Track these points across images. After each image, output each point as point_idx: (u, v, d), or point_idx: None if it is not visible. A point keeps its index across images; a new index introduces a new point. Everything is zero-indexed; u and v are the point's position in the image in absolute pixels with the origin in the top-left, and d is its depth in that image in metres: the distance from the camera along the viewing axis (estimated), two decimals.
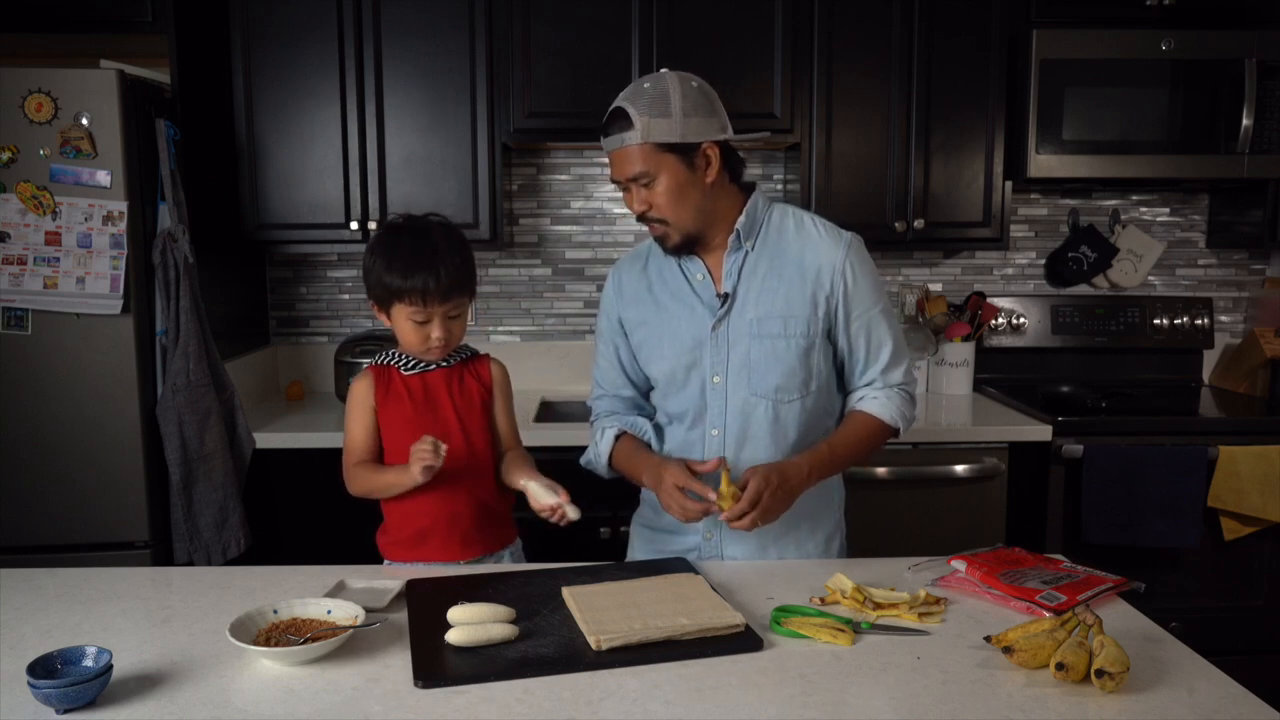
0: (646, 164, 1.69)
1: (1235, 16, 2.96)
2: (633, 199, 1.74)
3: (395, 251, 1.73)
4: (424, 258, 1.71)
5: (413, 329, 1.75)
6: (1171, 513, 2.71)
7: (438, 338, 1.75)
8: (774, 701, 1.25)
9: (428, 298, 1.72)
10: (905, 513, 2.76)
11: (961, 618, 1.50)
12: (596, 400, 1.96)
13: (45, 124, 2.34)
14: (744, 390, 1.77)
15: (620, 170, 1.72)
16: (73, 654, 1.28)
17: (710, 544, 1.83)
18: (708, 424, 1.80)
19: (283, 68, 2.87)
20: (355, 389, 1.83)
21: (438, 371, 1.83)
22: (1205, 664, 1.35)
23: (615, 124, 1.69)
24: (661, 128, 1.67)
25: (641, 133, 1.67)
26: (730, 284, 1.78)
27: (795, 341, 1.76)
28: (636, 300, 1.86)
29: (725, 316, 1.77)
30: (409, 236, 1.75)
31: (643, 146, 1.68)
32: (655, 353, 1.84)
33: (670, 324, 1.82)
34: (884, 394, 1.82)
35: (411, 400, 1.80)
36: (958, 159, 2.98)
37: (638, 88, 1.70)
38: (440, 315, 1.74)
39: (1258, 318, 3.37)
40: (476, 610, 1.42)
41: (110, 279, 2.38)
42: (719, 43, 2.87)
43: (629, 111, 1.67)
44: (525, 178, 3.31)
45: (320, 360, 3.30)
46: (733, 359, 1.77)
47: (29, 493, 2.43)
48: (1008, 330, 3.32)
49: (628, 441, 1.85)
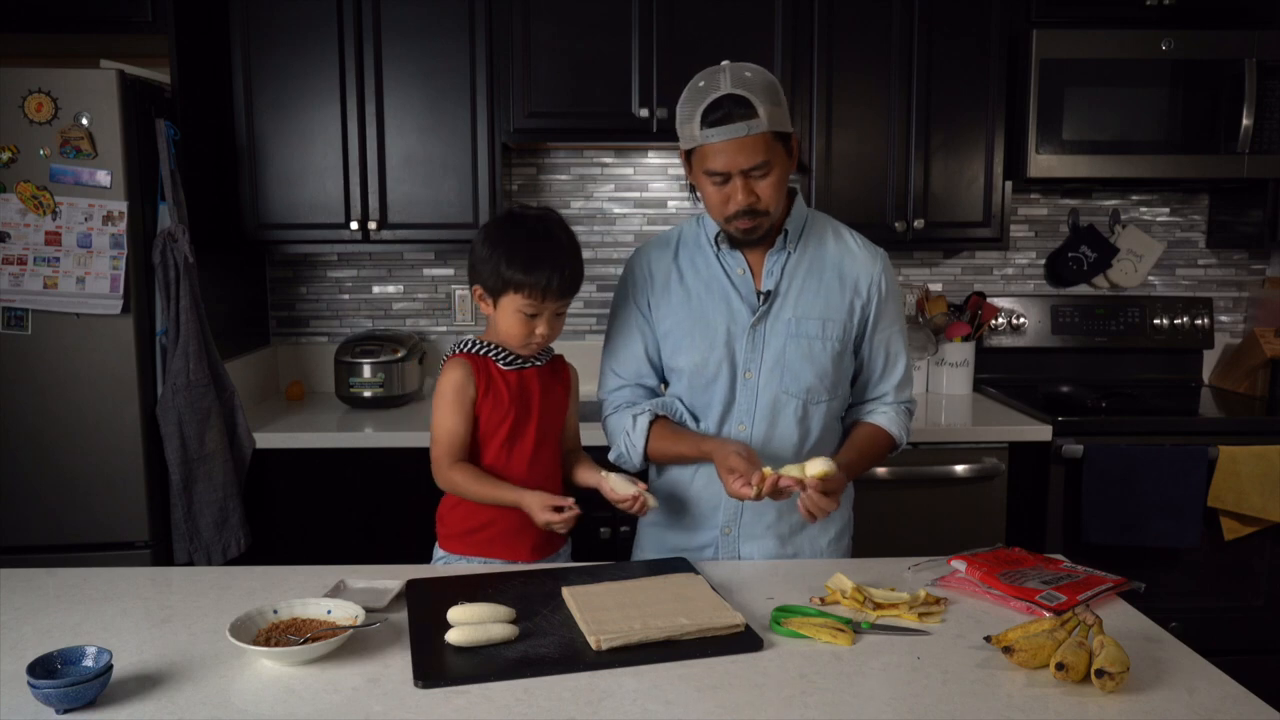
0: (769, 153, 1.64)
1: (1235, 16, 2.96)
2: (737, 191, 1.67)
3: (517, 244, 1.71)
4: (549, 255, 1.70)
5: (520, 321, 1.73)
6: (1171, 513, 2.71)
7: (542, 333, 1.74)
8: (774, 701, 1.25)
9: (546, 294, 1.70)
10: (905, 513, 2.76)
11: (961, 618, 1.50)
12: (614, 392, 1.91)
13: (45, 124, 2.34)
14: (775, 387, 1.78)
15: (737, 161, 1.64)
16: (73, 654, 1.28)
17: (729, 539, 1.83)
18: (735, 419, 1.80)
19: (283, 68, 2.87)
20: (452, 377, 1.75)
21: (533, 370, 1.80)
22: (1205, 664, 1.35)
23: (736, 113, 1.62)
24: (779, 116, 1.64)
25: (767, 120, 1.62)
26: (772, 282, 1.78)
27: (831, 344, 1.78)
28: (667, 287, 1.84)
29: (766, 313, 1.77)
30: (532, 230, 1.74)
31: (765, 135, 1.63)
32: (685, 343, 1.81)
33: (703, 315, 1.80)
34: (894, 409, 1.86)
35: (509, 396, 1.76)
36: (958, 159, 2.98)
37: (739, 76, 1.63)
38: (550, 312, 1.73)
39: (1258, 318, 3.37)
40: (476, 610, 1.42)
41: (110, 279, 2.38)
42: (719, 42, 2.86)
43: (750, 99, 1.61)
44: (525, 178, 3.31)
45: (320, 360, 3.30)
46: (768, 356, 1.78)
47: (29, 493, 2.43)
48: (1008, 330, 3.32)
49: (664, 425, 1.82)
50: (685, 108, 1.68)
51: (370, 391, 2.98)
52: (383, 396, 2.99)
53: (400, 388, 3.01)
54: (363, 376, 2.97)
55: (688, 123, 1.67)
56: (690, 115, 1.66)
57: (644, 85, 2.87)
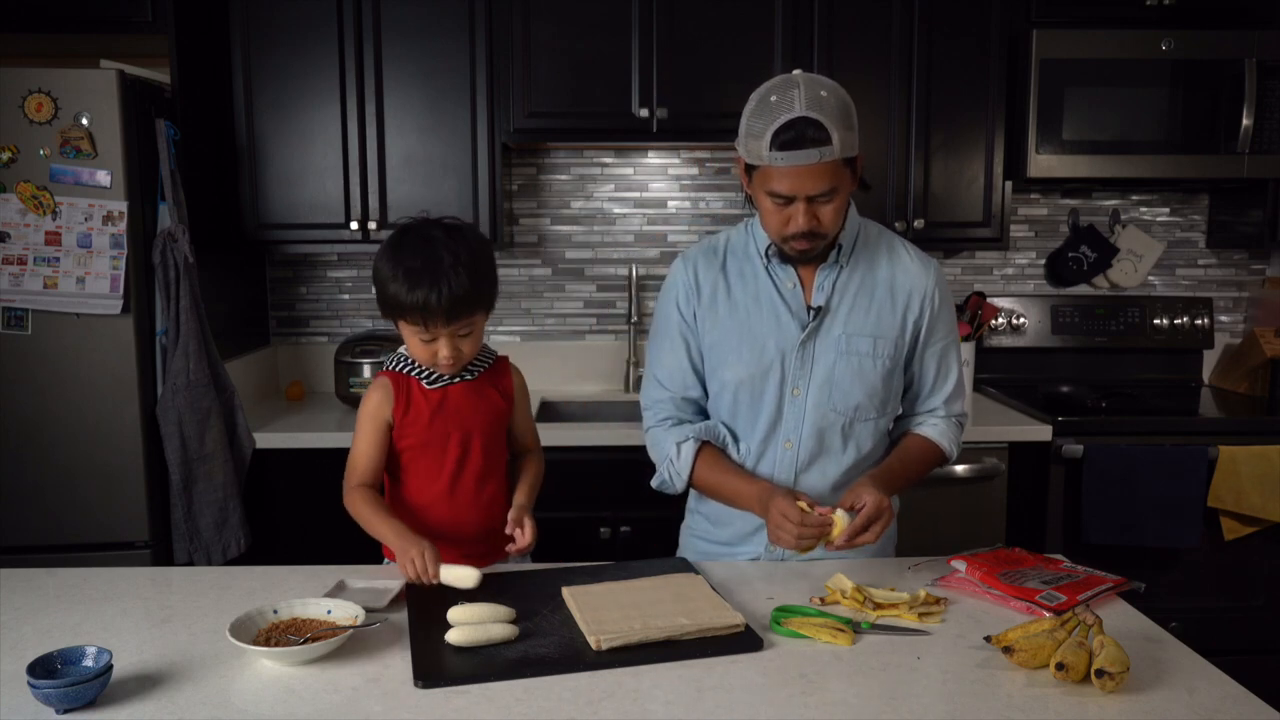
0: (836, 179, 1.58)
1: (1235, 16, 2.96)
2: (798, 214, 1.60)
3: (399, 262, 1.59)
4: (426, 273, 1.57)
5: (419, 345, 1.65)
6: (1171, 513, 2.71)
7: (445, 357, 1.64)
8: (774, 701, 1.25)
9: (429, 317, 1.59)
10: (905, 513, 2.74)
11: (961, 618, 1.50)
12: (658, 403, 1.83)
13: (45, 124, 2.34)
14: (824, 405, 1.73)
15: (804, 186, 1.58)
16: (73, 654, 1.28)
17: (772, 554, 1.79)
18: (781, 436, 1.76)
19: (283, 68, 2.87)
20: (370, 400, 1.70)
21: (459, 385, 1.72)
22: (1205, 664, 1.35)
23: (808, 137, 1.54)
24: (850, 141, 1.57)
25: (839, 147, 1.55)
26: (823, 298, 1.73)
27: (882, 362, 1.74)
28: (714, 300, 1.77)
29: (816, 330, 1.73)
30: (413, 245, 1.61)
31: (835, 162, 1.56)
32: (731, 357, 1.75)
33: (751, 329, 1.74)
34: (944, 422, 1.82)
35: (431, 416, 1.70)
36: (958, 159, 2.98)
37: (814, 96, 1.54)
38: (447, 335, 1.62)
39: (1258, 318, 3.37)
40: (477, 610, 1.42)
41: (110, 279, 2.38)
42: (719, 42, 2.87)
43: (825, 124, 1.53)
44: (525, 178, 3.31)
45: (320, 360, 3.30)
46: (816, 373, 1.73)
47: (29, 493, 2.43)
48: (1008, 330, 3.32)
49: (710, 455, 1.76)
50: (754, 122, 1.59)
51: None
52: None
53: None
54: (363, 376, 2.97)
55: (755, 139, 1.58)
56: (760, 132, 1.57)
57: (644, 85, 2.87)
